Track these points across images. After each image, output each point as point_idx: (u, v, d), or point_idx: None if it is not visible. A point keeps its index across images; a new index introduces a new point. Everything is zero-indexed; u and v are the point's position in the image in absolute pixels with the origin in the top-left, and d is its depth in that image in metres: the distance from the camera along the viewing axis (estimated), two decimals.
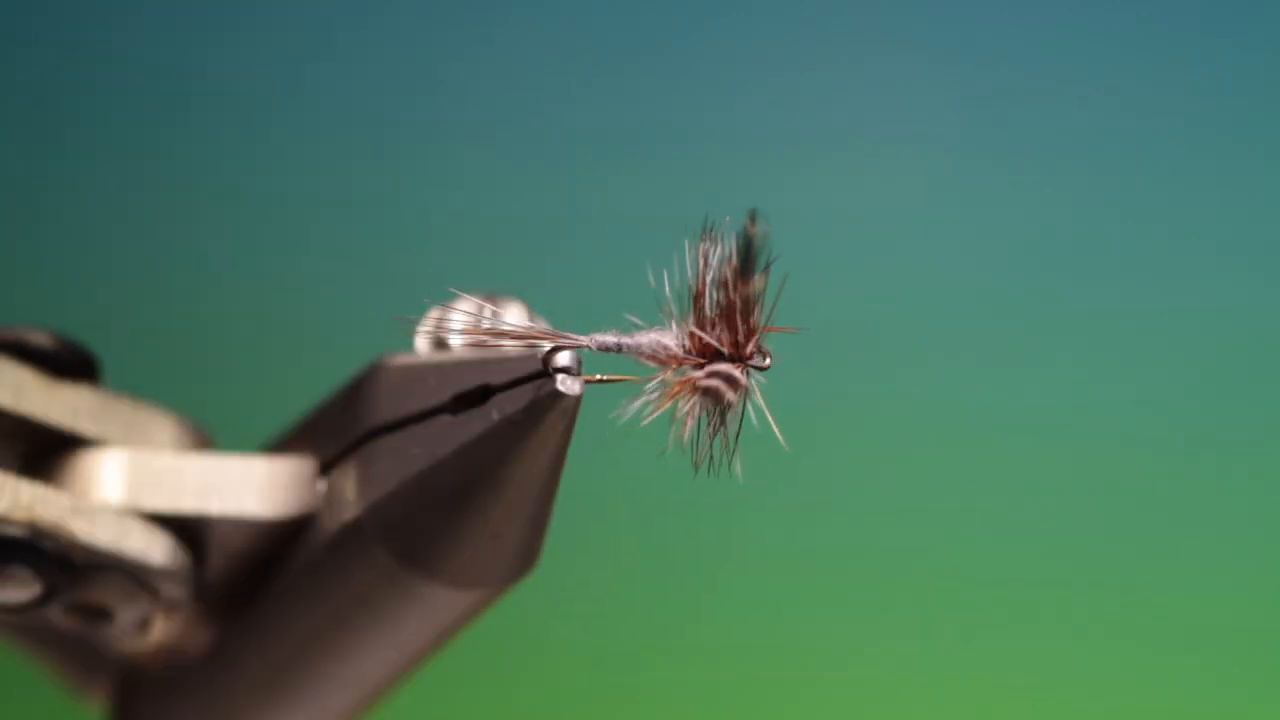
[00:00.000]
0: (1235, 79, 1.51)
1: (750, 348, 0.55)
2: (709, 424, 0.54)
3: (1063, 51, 1.53)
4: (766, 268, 0.53)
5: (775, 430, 0.54)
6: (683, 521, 1.43)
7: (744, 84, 1.53)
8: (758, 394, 0.55)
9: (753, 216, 0.52)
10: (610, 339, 0.56)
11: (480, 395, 0.56)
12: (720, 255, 0.54)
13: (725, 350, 0.54)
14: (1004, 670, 1.45)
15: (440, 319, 0.57)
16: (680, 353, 0.55)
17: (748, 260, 0.53)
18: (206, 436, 0.64)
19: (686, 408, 0.54)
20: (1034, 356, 1.49)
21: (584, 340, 0.56)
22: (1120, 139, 1.52)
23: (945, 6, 1.55)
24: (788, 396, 0.56)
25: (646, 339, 0.56)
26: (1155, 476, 1.47)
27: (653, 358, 0.56)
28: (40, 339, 0.60)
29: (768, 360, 0.55)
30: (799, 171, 1.52)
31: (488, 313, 0.56)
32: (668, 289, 0.55)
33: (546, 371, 0.54)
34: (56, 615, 0.58)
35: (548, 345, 0.55)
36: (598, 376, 0.56)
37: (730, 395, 0.54)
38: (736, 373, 0.54)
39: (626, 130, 1.52)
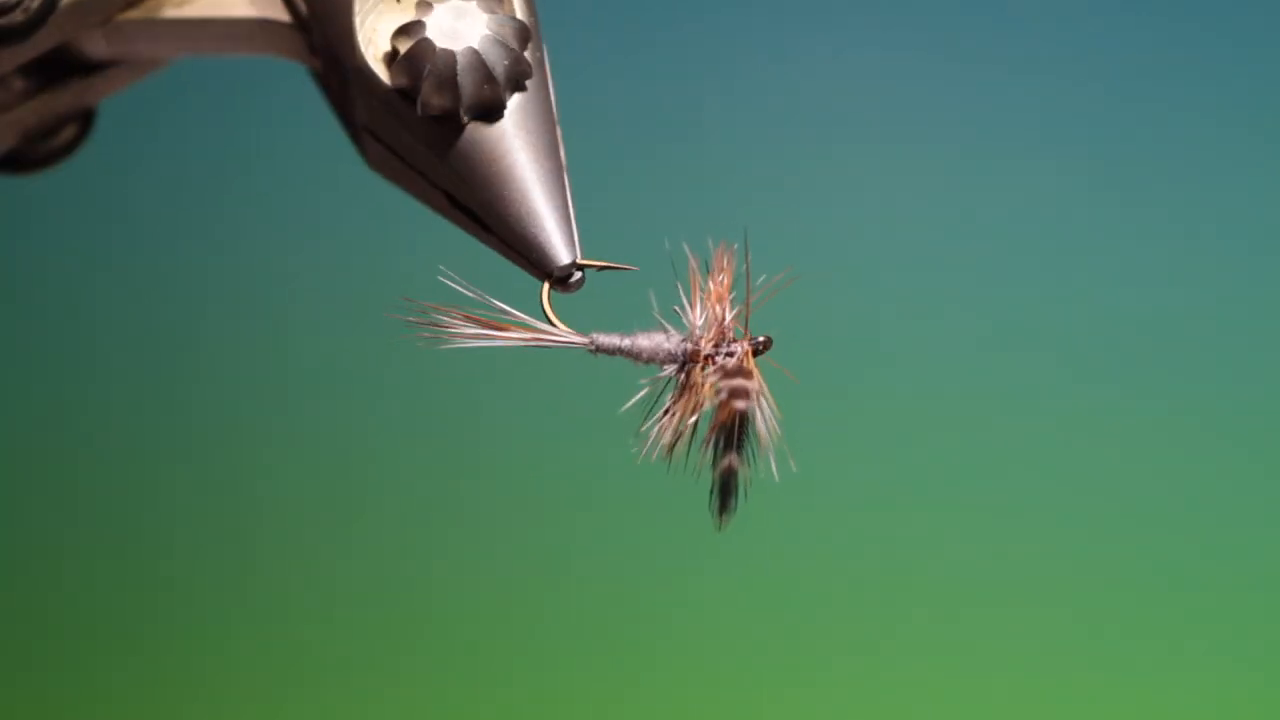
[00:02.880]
0: (1237, 76, 1.51)
1: (744, 347, 0.56)
2: (720, 432, 0.55)
3: (1061, 47, 1.53)
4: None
5: (774, 421, 0.55)
6: (679, 520, 1.43)
7: (742, 81, 1.53)
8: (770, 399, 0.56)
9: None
10: (611, 340, 0.56)
11: None
12: (717, 265, 0.55)
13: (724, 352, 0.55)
14: (1002, 670, 1.45)
15: (441, 310, 0.57)
16: (680, 355, 0.56)
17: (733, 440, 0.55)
18: None
19: (701, 413, 0.55)
20: (1033, 353, 1.49)
21: (582, 340, 0.56)
22: (1120, 135, 1.53)
23: (946, 3, 1.55)
24: (786, 394, 0.56)
25: (646, 341, 0.56)
26: (1151, 471, 1.48)
27: (652, 359, 0.56)
28: None
29: (764, 338, 0.56)
30: (800, 169, 1.52)
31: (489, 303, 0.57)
32: (670, 289, 0.56)
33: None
34: None
35: (548, 341, 0.56)
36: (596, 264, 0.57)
37: (746, 401, 0.55)
38: (749, 385, 0.55)
39: (626, 128, 1.52)
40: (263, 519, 1.48)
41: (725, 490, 0.56)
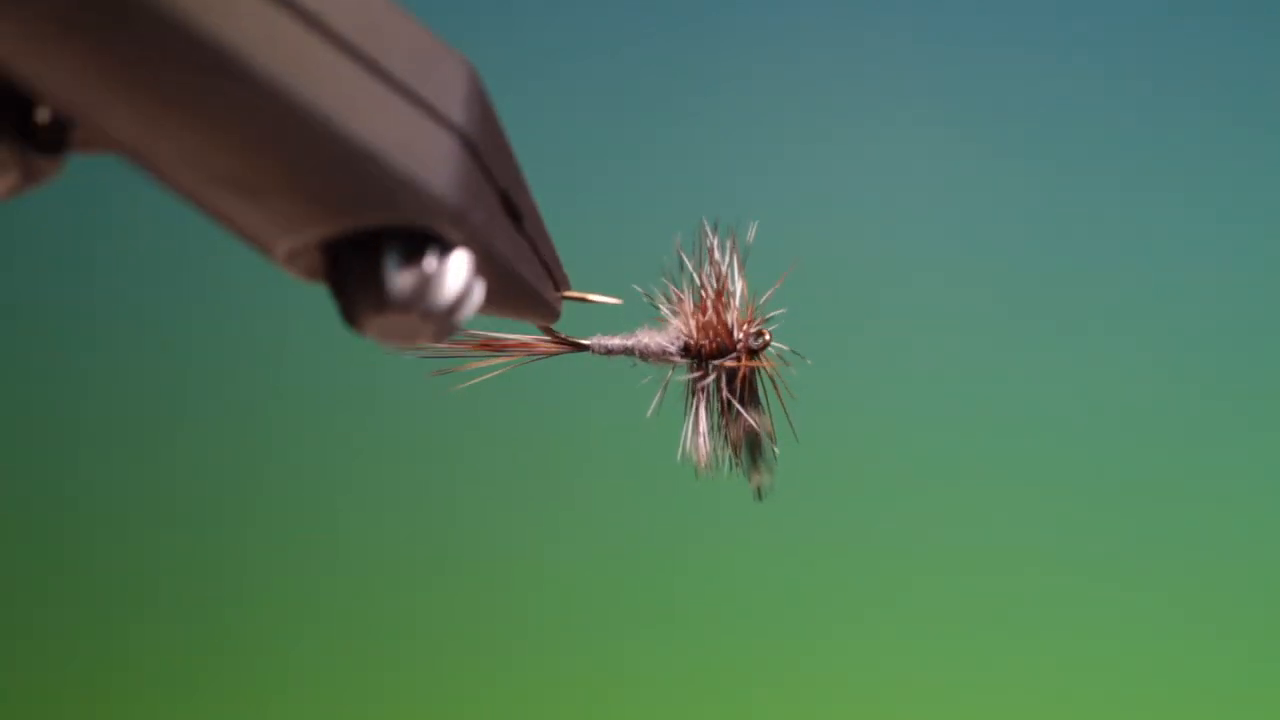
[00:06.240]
0: (1237, 71, 1.51)
1: (745, 339, 0.56)
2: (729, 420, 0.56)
3: (1060, 36, 1.53)
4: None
5: (790, 425, 0.55)
6: (677, 515, 1.43)
7: (738, 76, 1.53)
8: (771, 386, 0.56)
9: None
10: (613, 341, 0.57)
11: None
12: (709, 252, 0.55)
13: (726, 343, 0.56)
14: (998, 667, 1.45)
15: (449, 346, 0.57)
16: (679, 351, 0.56)
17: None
18: None
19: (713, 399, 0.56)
20: (1033, 346, 1.49)
21: (587, 342, 0.57)
22: (1122, 127, 1.53)
23: None
24: (793, 386, 0.56)
25: (646, 339, 0.57)
26: (1148, 464, 1.48)
27: (653, 357, 0.57)
28: None
29: (767, 335, 0.56)
30: (799, 161, 1.52)
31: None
32: (662, 285, 0.56)
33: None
34: None
35: (555, 351, 0.56)
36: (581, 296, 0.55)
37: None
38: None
39: (623, 124, 1.52)
40: (268, 518, 1.48)
41: (753, 450, 0.57)
